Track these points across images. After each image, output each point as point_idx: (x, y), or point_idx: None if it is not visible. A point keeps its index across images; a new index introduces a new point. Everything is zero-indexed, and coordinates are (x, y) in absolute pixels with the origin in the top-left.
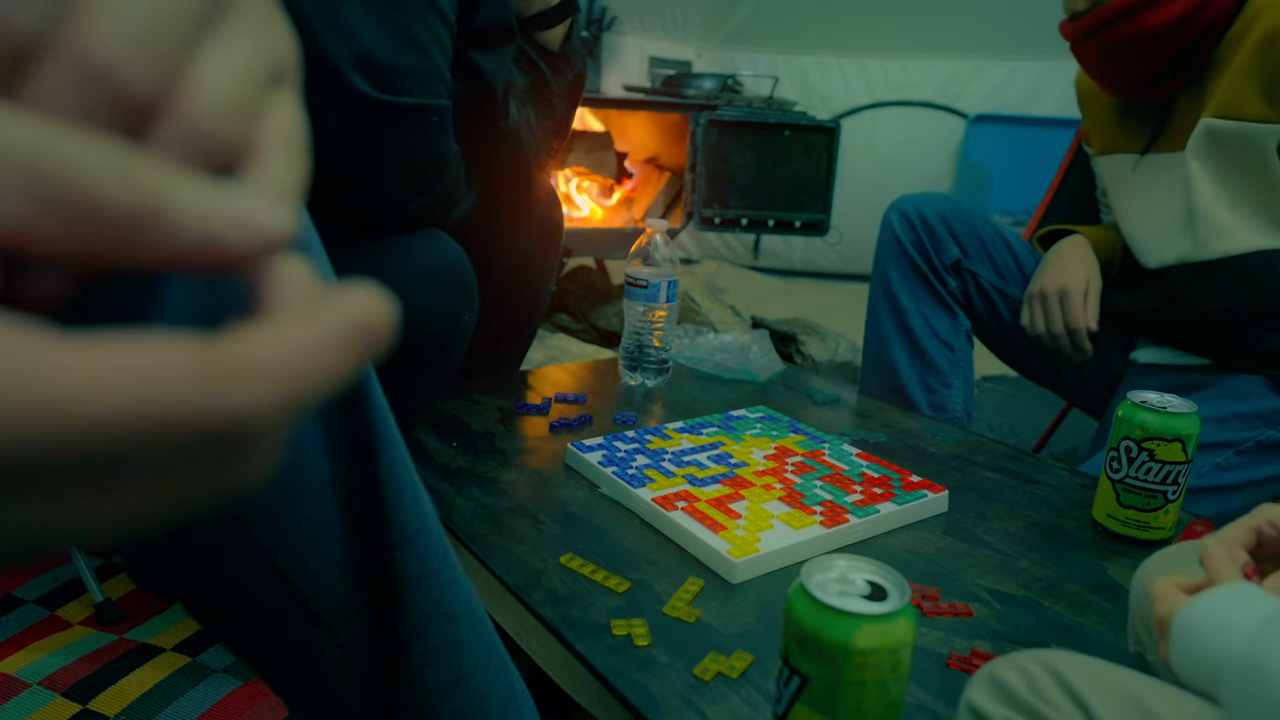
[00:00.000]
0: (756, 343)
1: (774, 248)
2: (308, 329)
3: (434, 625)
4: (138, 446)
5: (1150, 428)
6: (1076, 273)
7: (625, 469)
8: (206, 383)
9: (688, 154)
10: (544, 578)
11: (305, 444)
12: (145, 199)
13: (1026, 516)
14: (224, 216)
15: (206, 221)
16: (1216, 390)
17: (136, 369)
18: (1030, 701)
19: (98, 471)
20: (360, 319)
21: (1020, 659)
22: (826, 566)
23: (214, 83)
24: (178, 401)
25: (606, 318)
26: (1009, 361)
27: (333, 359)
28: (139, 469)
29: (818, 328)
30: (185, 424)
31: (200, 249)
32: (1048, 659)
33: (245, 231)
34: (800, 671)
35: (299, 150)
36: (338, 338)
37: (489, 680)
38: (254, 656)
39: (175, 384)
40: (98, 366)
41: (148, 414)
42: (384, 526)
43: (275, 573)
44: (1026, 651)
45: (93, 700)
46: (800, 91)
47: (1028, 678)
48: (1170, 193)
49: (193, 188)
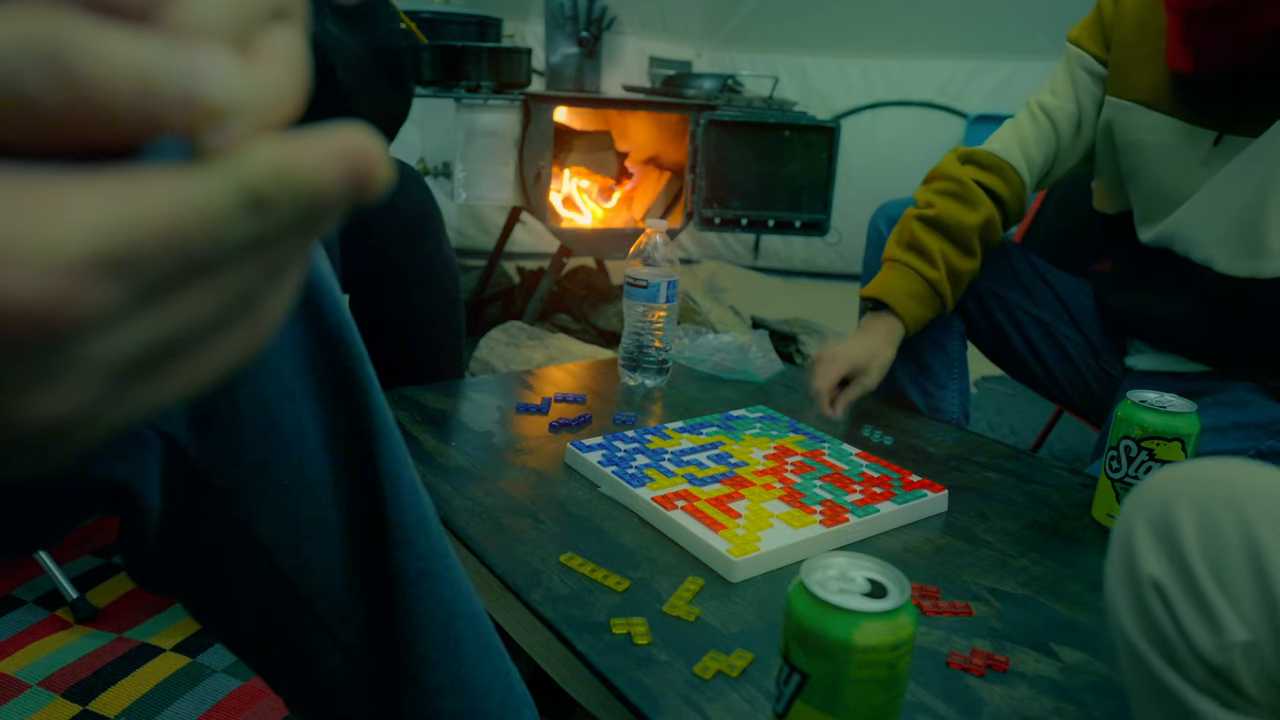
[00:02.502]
0: (756, 343)
1: (774, 248)
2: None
3: (435, 625)
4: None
5: (1150, 427)
6: (858, 350)
7: (625, 468)
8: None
9: (688, 154)
10: (544, 577)
11: (305, 444)
12: (78, 91)
13: (1026, 516)
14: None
15: (144, 82)
16: (1215, 400)
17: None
18: (1198, 571)
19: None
20: (358, 147)
21: (1211, 492)
22: (826, 564)
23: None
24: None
25: (606, 318)
26: (1004, 366)
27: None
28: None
29: (818, 328)
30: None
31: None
32: (1245, 504)
33: (189, 103)
34: (800, 669)
35: (299, 68)
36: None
37: (489, 680)
38: (254, 656)
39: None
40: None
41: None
42: (385, 526)
43: (276, 573)
44: (1223, 477)
45: (93, 701)
46: (800, 91)
47: (1208, 530)
48: (1237, 186)
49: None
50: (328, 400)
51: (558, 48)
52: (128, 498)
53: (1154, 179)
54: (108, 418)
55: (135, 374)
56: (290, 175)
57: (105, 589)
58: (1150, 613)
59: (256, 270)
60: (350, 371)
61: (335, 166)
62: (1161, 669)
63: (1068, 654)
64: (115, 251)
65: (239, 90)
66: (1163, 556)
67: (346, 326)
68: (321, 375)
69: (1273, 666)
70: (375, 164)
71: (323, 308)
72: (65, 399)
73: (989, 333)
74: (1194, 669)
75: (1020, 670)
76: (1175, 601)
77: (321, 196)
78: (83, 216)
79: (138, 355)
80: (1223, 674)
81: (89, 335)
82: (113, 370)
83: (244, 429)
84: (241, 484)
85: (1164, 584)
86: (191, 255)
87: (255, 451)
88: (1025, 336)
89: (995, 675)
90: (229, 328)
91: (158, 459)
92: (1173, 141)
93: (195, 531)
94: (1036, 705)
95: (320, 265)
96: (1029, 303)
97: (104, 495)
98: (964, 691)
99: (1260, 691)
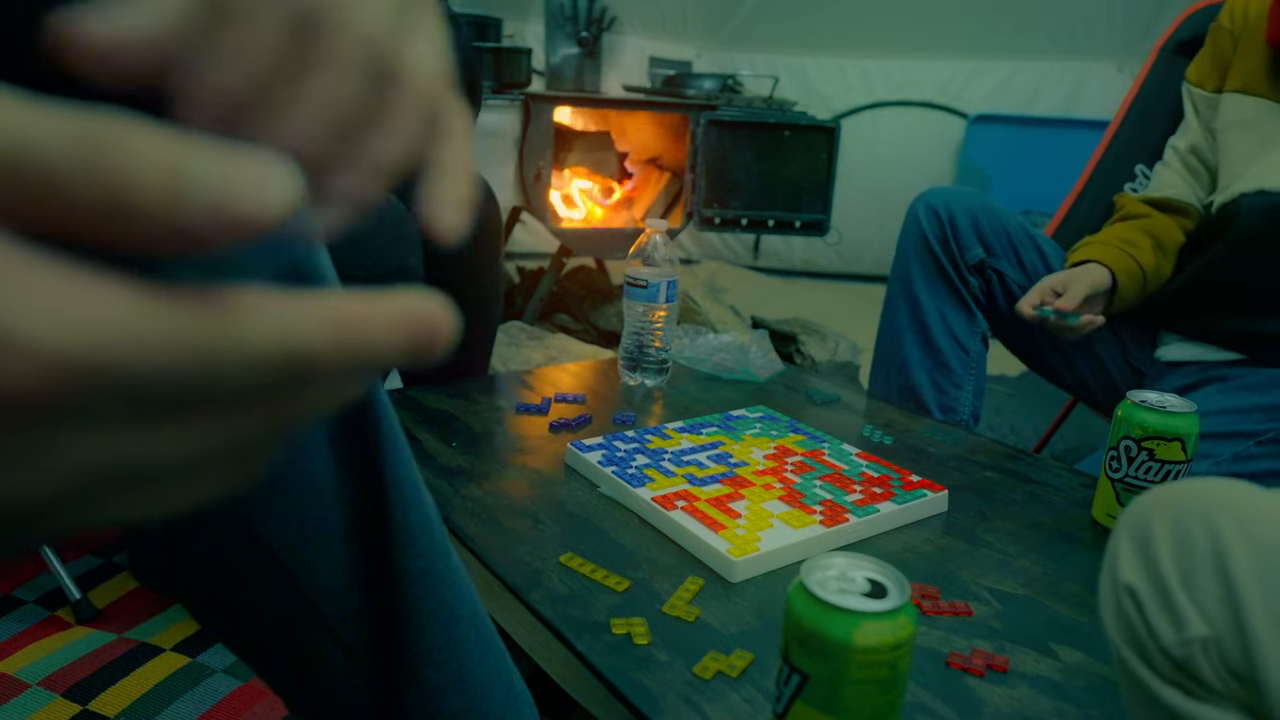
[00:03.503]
0: (756, 343)
1: (774, 248)
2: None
3: (436, 624)
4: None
5: (1150, 427)
6: (1083, 276)
7: (625, 468)
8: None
9: (688, 154)
10: (544, 577)
11: (309, 445)
12: (108, 189)
13: (1026, 516)
14: (196, 204)
15: (172, 210)
16: (1240, 383)
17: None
18: (1167, 575)
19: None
20: (427, 316)
21: (1187, 505)
22: (826, 564)
23: (425, 53)
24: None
25: (606, 318)
26: (1030, 362)
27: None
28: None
29: (818, 328)
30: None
31: (169, 239)
32: (1215, 515)
33: (219, 222)
34: (800, 670)
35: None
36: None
37: (489, 679)
38: (255, 656)
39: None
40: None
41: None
42: (388, 525)
43: (279, 572)
44: (1201, 492)
45: (93, 700)
46: (800, 91)
47: (1180, 539)
48: None
49: (159, 168)
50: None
51: (558, 48)
52: None
53: (1237, 149)
54: (77, 516)
55: (106, 485)
56: (352, 341)
57: (106, 589)
58: (1125, 615)
59: (263, 419)
60: None
61: (398, 335)
62: (1136, 665)
63: (1068, 654)
64: (114, 368)
65: (285, 204)
66: (1138, 564)
67: None
68: None
69: (1231, 658)
70: (441, 331)
71: None
72: (34, 484)
73: (1015, 326)
74: (1160, 663)
75: (1020, 670)
76: (1146, 603)
77: (377, 362)
78: (95, 320)
79: (110, 467)
80: (1184, 666)
81: (58, 429)
82: (83, 475)
83: None
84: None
85: (1137, 588)
86: (206, 393)
87: None
88: (1052, 336)
89: (995, 675)
90: (210, 470)
91: None
92: (1257, 117)
93: (199, 531)
94: (1036, 705)
95: (319, 258)
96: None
97: None
98: (964, 692)
99: (1220, 682)
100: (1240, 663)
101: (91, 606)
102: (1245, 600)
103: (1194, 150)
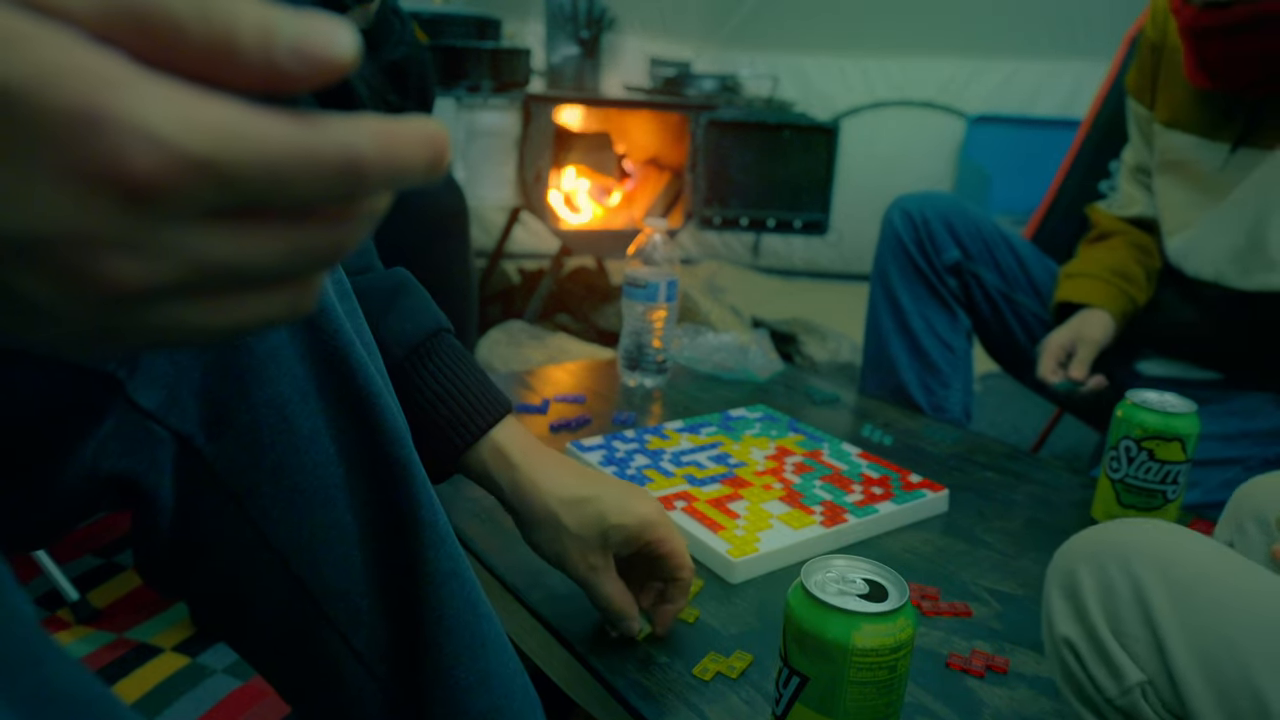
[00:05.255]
0: (756, 343)
1: (774, 248)
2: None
3: (465, 624)
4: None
5: (1150, 427)
6: (1088, 335)
7: (624, 469)
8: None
9: (688, 154)
10: (544, 578)
11: (320, 447)
12: (217, 31)
13: (1026, 516)
14: (284, 47)
15: (267, 50)
16: (1224, 408)
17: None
18: (1099, 626)
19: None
20: (440, 137)
21: (1107, 553)
22: (825, 566)
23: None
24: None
25: (606, 318)
26: (1010, 369)
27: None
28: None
29: (818, 328)
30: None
31: (265, 76)
32: (1133, 561)
33: (303, 62)
34: (799, 671)
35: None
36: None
37: (510, 678)
38: (261, 657)
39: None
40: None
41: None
42: (417, 528)
43: (288, 575)
44: (1119, 538)
45: None
46: (800, 91)
47: (1104, 587)
48: (1248, 195)
49: (256, 18)
50: (335, 401)
51: (558, 48)
52: (138, 493)
53: (1173, 193)
54: (173, 316)
55: (200, 285)
56: (391, 151)
57: (105, 589)
58: (1068, 667)
59: (325, 233)
60: (362, 374)
61: (424, 150)
62: (1087, 717)
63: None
64: (223, 163)
65: (352, 54)
66: (1070, 616)
67: (362, 331)
68: (333, 379)
69: (1168, 699)
70: (447, 151)
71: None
72: (138, 270)
73: (998, 334)
74: (1110, 713)
75: (1020, 671)
76: (1084, 655)
77: (407, 174)
78: (210, 122)
79: (208, 264)
80: (1132, 714)
81: (173, 222)
82: (187, 269)
83: (260, 432)
84: (255, 486)
85: (1074, 641)
86: (284, 194)
87: (270, 454)
88: (1034, 340)
89: (995, 676)
90: (284, 282)
91: (170, 456)
92: (1192, 157)
93: (208, 532)
94: (1036, 706)
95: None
96: (1040, 307)
97: (114, 490)
98: (963, 693)
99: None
100: (1175, 704)
101: (91, 607)
102: (1169, 646)
103: (1141, 168)
